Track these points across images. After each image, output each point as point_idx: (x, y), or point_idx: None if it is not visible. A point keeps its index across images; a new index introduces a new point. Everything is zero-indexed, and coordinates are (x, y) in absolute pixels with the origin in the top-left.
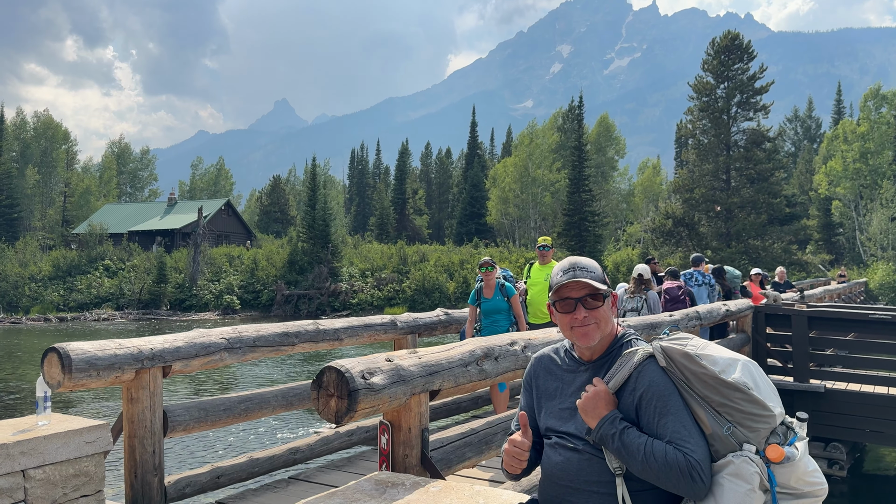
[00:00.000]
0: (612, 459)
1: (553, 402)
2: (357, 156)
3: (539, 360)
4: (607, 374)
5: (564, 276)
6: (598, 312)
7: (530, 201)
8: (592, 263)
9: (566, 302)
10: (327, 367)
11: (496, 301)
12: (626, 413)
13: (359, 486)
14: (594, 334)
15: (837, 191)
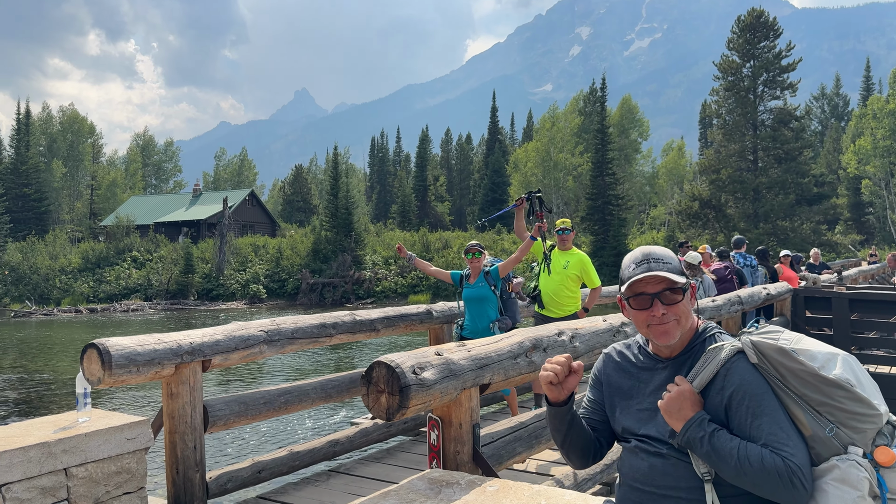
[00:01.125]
0: (700, 464)
1: (629, 402)
2: (377, 144)
3: (610, 357)
4: (691, 373)
5: (638, 268)
6: (677, 308)
7: (552, 186)
8: (668, 253)
9: (641, 298)
10: (377, 363)
11: (479, 288)
12: (714, 414)
13: (412, 486)
14: (674, 332)
15: (867, 169)
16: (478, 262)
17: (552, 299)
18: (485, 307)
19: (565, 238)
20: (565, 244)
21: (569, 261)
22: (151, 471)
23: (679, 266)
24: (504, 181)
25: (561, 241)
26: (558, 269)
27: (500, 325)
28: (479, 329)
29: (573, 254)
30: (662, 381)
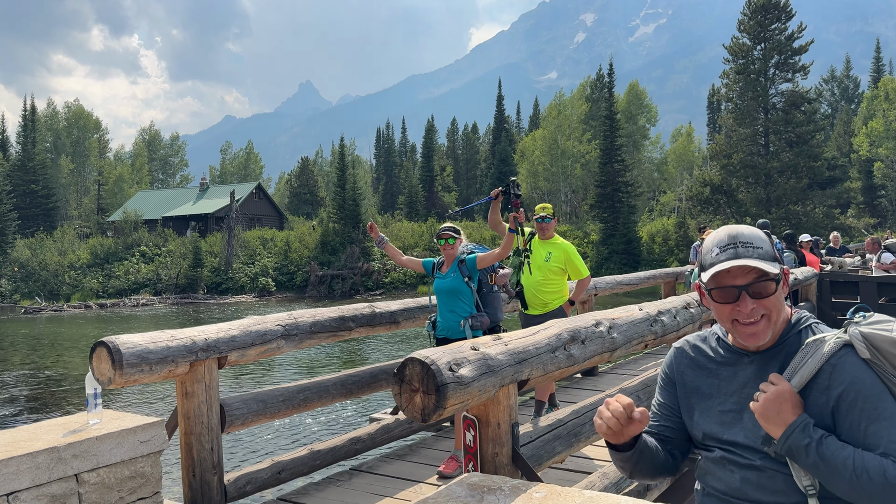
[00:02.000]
0: (803, 475)
1: (709, 403)
2: (383, 135)
3: (682, 351)
4: (787, 369)
5: (723, 254)
6: (768, 301)
7: (560, 174)
8: (757, 235)
9: (726, 291)
10: (410, 359)
11: (452, 280)
12: (818, 418)
13: (451, 493)
14: (764, 332)
15: (880, 151)
16: (451, 248)
17: (534, 296)
18: (456, 301)
19: (545, 227)
20: (545, 233)
21: (551, 252)
22: (166, 474)
23: (772, 250)
24: (511, 170)
25: (540, 231)
26: (539, 262)
27: (473, 324)
28: (449, 327)
29: (555, 244)
30: (748, 377)
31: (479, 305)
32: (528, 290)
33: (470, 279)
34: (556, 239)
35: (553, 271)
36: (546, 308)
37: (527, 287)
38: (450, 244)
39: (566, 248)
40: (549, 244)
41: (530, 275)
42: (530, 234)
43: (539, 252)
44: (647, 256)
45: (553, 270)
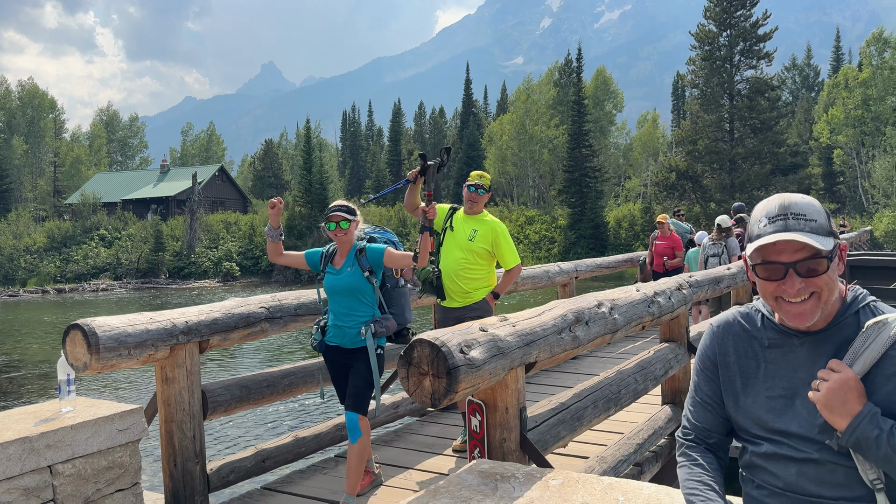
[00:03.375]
0: (869, 469)
1: (754, 388)
2: (349, 118)
3: (724, 332)
4: (848, 354)
5: (771, 226)
6: (819, 280)
7: (528, 159)
8: (812, 205)
9: (772, 267)
10: (418, 341)
11: (348, 275)
12: (884, 406)
13: (462, 481)
14: (812, 312)
15: (839, 139)
16: (345, 234)
17: (453, 282)
18: (355, 302)
19: (476, 199)
20: (474, 206)
21: (476, 230)
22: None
23: (827, 223)
24: (480, 154)
25: (469, 202)
26: (461, 240)
27: (377, 330)
28: (345, 334)
29: (483, 220)
30: (800, 361)
31: (383, 305)
32: (445, 275)
33: (372, 274)
34: (485, 215)
35: (478, 253)
36: (467, 299)
37: (445, 271)
38: (342, 229)
39: (496, 228)
40: (475, 220)
41: (447, 252)
42: (451, 209)
43: (462, 229)
44: (613, 241)
45: (478, 252)
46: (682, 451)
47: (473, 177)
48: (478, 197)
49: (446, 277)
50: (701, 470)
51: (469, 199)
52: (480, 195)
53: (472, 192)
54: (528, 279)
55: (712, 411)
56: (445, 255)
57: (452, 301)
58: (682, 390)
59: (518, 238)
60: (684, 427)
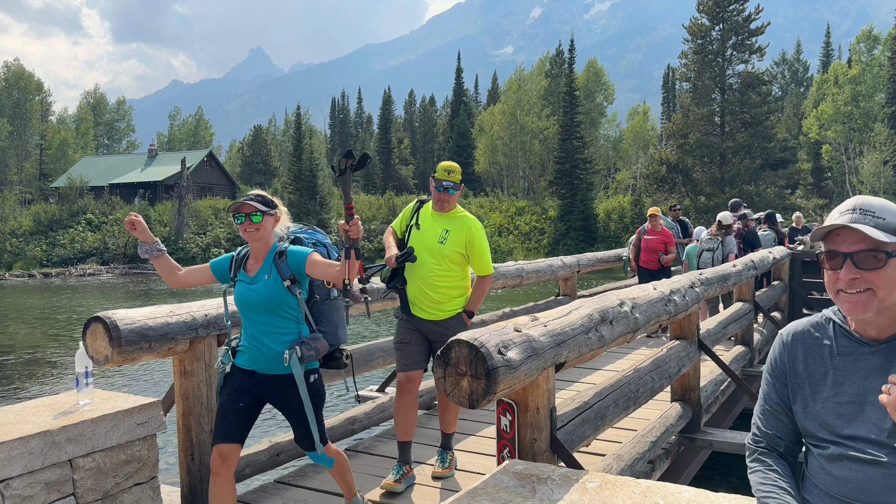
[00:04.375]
0: None
1: (824, 394)
2: (338, 105)
3: (793, 338)
4: None
5: (841, 218)
6: (876, 276)
7: (519, 149)
8: (886, 205)
9: (832, 256)
10: (456, 341)
11: (264, 287)
12: None
13: (498, 482)
14: (866, 305)
15: (828, 134)
16: (256, 231)
17: (423, 292)
18: (275, 318)
19: (447, 198)
20: (445, 205)
21: (448, 229)
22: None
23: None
24: (470, 144)
25: (438, 201)
26: (430, 242)
27: (304, 353)
28: (263, 357)
29: (455, 218)
30: (872, 369)
31: (311, 322)
32: (413, 284)
33: (294, 283)
34: (458, 211)
35: (451, 258)
36: (438, 311)
37: (412, 281)
38: (253, 223)
39: (471, 227)
40: (446, 218)
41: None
42: (418, 202)
43: (431, 228)
44: (603, 233)
45: (451, 257)
46: (754, 457)
47: (441, 172)
48: (448, 197)
49: (412, 286)
50: (776, 475)
51: (438, 200)
52: (451, 195)
53: (442, 192)
54: (533, 273)
55: (782, 419)
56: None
57: (424, 312)
58: (692, 388)
59: (508, 229)
60: (754, 434)
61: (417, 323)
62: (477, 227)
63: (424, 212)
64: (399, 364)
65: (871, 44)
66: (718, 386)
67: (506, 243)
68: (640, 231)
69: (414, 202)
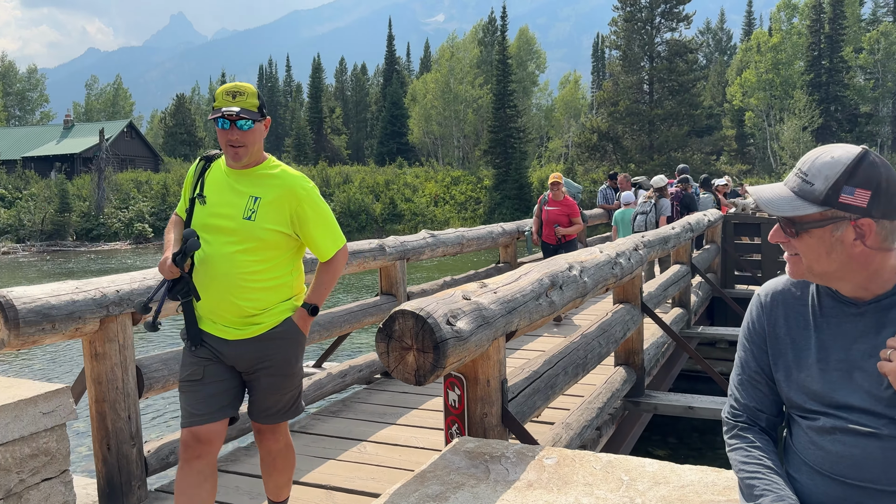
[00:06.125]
0: None
1: (808, 360)
2: (265, 73)
3: (770, 299)
4: None
5: (785, 178)
6: (797, 242)
7: (453, 118)
8: (825, 166)
9: None
10: (400, 312)
11: None
12: None
13: (449, 464)
14: (797, 269)
15: (751, 102)
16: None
17: (225, 300)
18: None
19: (238, 138)
20: (241, 152)
21: (258, 196)
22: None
23: (825, 190)
24: (403, 113)
25: (229, 147)
26: (230, 218)
27: None
28: None
29: (269, 176)
30: (859, 331)
31: None
32: (211, 292)
33: None
34: (271, 165)
35: (268, 241)
36: (252, 326)
37: (207, 285)
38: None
39: (295, 189)
40: (252, 178)
41: (205, 243)
42: (202, 160)
43: (227, 196)
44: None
45: (267, 240)
46: (734, 433)
47: (223, 98)
48: (243, 137)
49: (209, 294)
50: (760, 452)
51: (229, 146)
52: (247, 133)
53: (229, 129)
54: (474, 240)
55: (763, 389)
56: (198, 251)
57: (224, 330)
58: (636, 351)
59: (444, 199)
60: (732, 407)
61: (217, 348)
62: (305, 187)
63: (214, 174)
64: (185, 414)
65: (790, 12)
66: (660, 349)
67: (442, 213)
68: (540, 201)
69: (197, 160)
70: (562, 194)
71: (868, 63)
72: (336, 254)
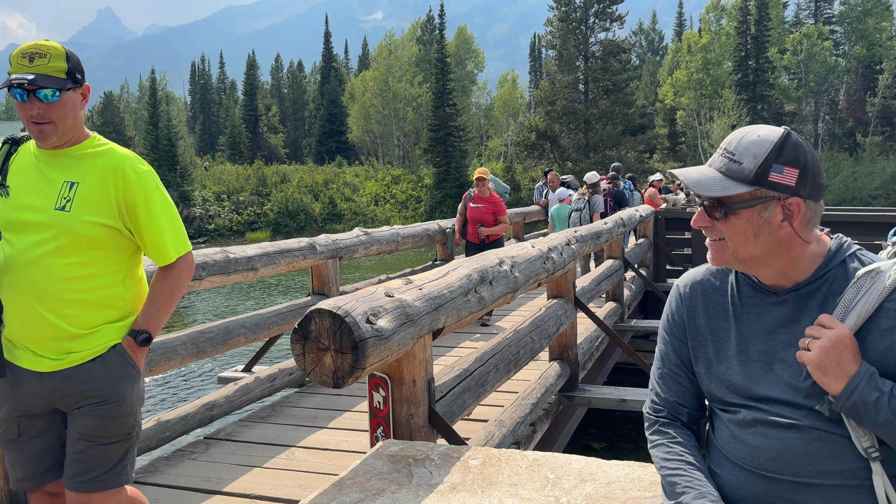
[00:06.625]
0: (862, 436)
1: (728, 351)
2: (198, 69)
3: (692, 290)
4: (838, 308)
5: (710, 159)
6: (722, 226)
7: (392, 117)
8: (753, 144)
9: (699, 203)
10: (316, 312)
11: None
12: (877, 365)
13: (370, 469)
14: (719, 254)
15: (682, 101)
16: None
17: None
18: None
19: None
20: (48, 130)
21: (76, 181)
22: None
23: (755, 169)
24: (342, 111)
25: (36, 128)
26: (39, 210)
27: None
28: None
29: (90, 156)
30: (779, 320)
31: None
32: (15, 305)
33: None
34: (94, 143)
35: (89, 237)
36: (72, 355)
37: (10, 298)
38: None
39: (125, 171)
40: (68, 160)
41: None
42: (8, 142)
43: (35, 183)
44: None
45: (89, 235)
46: (655, 428)
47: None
48: (48, 110)
49: (13, 308)
50: (681, 448)
51: (31, 120)
52: (52, 103)
53: (26, 102)
54: (409, 237)
55: (683, 383)
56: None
57: (33, 359)
58: (570, 346)
59: (385, 198)
60: (653, 402)
61: (29, 386)
62: (137, 170)
63: (21, 159)
64: (10, 475)
65: (719, 14)
66: (594, 342)
67: (383, 212)
68: (465, 198)
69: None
70: (488, 191)
71: (791, 63)
72: (177, 260)
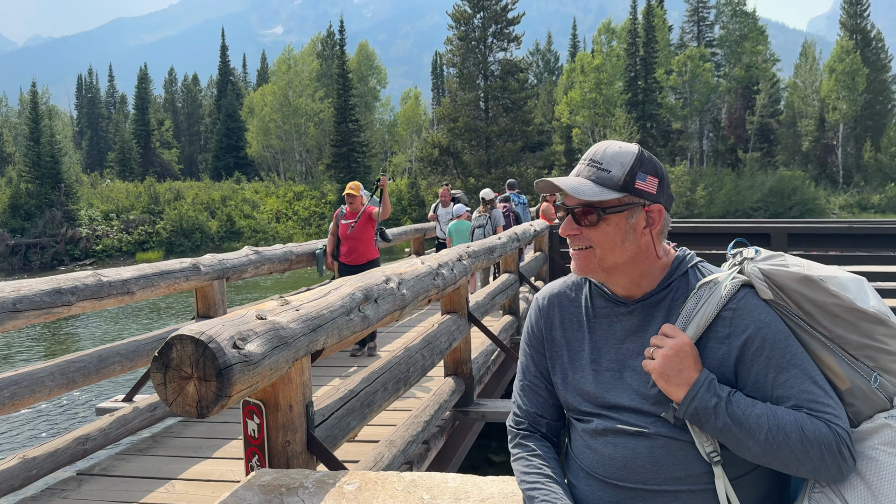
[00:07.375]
0: (705, 441)
1: (582, 361)
2: (85, 82)
3: (549, 302)
4: (680, 317)
5: (573, 171)
6: (592, 233)
7: (293, 132)
8: (619, 154)
9: (563, 211)
10: (177, 337)
11: None
12: (717, 371)
13: (240, 501)
14: (586, 264)
15: (577, 119)
16: None
17: None
18: None
19: None
20: None
21: None
22: None
23: (624, 177)
24: (240, 126)
25: None
26: None
27: None
28: None
29: None
30: (628, 330)
31: None
32: None
33: None
34: None
35: None
36: None
37: None
38: None
39: None
40: None
41: None
42: None
43: None
44: None
45: None
46: (516, 441)
47: None
48: None
49: None
50: (540, 461)
51: None
52: None
53: None
54: (304, 255)
55: (543, 394)
56: None
57: None
58: (464, 360)
59: (287, 214)
60: (515, 415)
61: None
62: None
63: None
64: None
65: (610, 36)
66: (489, 356)
67: (285, 230)
68: (336, 215)
69: None
70: (361, 206)
71: (677, 84)
72: None
